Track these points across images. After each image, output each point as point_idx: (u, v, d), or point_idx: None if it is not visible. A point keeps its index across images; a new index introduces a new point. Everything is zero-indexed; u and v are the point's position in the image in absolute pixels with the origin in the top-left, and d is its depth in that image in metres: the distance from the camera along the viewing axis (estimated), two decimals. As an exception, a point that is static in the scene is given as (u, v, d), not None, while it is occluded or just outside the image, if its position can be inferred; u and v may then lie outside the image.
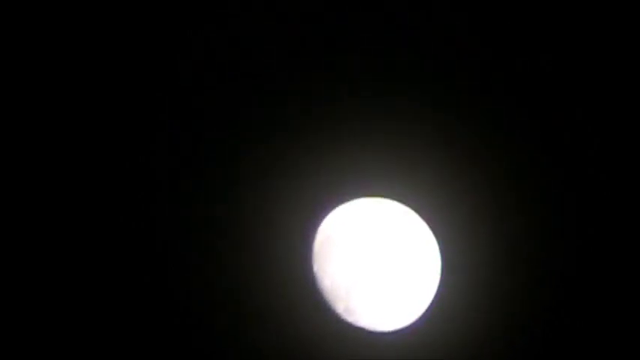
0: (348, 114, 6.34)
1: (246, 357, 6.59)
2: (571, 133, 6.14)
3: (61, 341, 6.10)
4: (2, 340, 6.05)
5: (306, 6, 5.99)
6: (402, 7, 6.04)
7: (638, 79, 6.03)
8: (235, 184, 6.45)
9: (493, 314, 6.57)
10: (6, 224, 6.03)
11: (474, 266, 6.56)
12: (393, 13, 6.03)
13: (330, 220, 6.70)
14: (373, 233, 6.60)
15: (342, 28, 6.06)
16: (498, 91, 6.17)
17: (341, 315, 6.65)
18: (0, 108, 6.03)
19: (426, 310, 6.65)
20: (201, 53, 6.06)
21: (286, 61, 6.12)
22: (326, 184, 6.48)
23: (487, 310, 6.61)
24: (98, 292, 6.21)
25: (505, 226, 6.46)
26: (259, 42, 6.05)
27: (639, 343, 6.25)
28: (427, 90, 6.21)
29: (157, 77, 6.02)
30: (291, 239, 6.59)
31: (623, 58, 6.03)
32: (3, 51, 5.97)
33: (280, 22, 6.04)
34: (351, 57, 6.16)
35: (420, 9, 6.01)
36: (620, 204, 6.16)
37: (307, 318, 6.64)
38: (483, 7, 6.03)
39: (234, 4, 6.01)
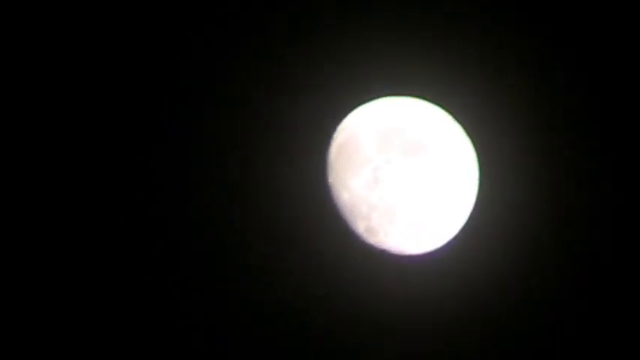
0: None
1: (256, 277, 6.39)
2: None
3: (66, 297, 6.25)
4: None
5: None
6: None
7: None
8: (251, 84, 6.34)
9: (538, 236, 6.44)
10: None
11: (515, 177, 6.38)
12: None
13: (349, 123, 6.28)
14: (397, 138, 6.07)
15: None
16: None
17: (361, 235, 6.24)
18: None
19: (461, 230, 6.29)
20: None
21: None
22: (345, 81, 6.35)
23: (531, 233, 6.45)
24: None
25: (548, 135, 6.36)
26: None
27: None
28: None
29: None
30: (303, 144, 6.40)
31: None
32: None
33: None
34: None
35: None
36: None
37: (323, 238, 6.36)
38: None
39: None
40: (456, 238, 6.33)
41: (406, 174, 6.05)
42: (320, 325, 6.40)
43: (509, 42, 6.28)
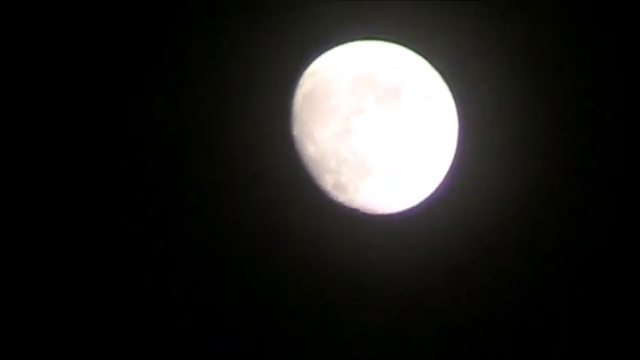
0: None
1: (223, 233, 6.26)
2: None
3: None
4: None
5: None
6: None
7: None
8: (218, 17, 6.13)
9: (520, 194, 6.28)
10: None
11: (496, 130, 6.19)
12: None
13: (316, 67, 6.06)
14: (371, 85, 5.84)
15: None
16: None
17: (329, 192, 6.04)
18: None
19: (439, 187, 6.11)
20: None
21: None
22: (313, 21, 6.13)
23: (512, 190, 6.28)
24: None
25: (533, 86, 6.17)
26: None
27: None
28: None
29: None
30: (264, 92, 6.20)
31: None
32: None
33: None
34: None
35: None
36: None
37: (287, 195, 6.23)
38: None
39: None
40: (434, 196, 6.12)
41: (380, 124, 5.81)
42: (285, 290, 6.34)
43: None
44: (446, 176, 6.08)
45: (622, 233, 6.22)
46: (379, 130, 5.83)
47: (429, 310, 6.29)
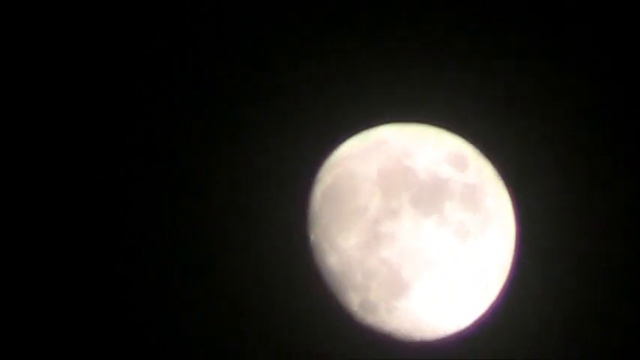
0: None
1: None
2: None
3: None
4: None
5: None
6: None
7: None
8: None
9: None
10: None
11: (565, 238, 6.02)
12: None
13: (338, 158, 5.80)
14: (406, 181, 5.50)
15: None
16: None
17: (355, 313, 5.74)
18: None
19: (490, 310, 5.79)
20: None
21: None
22: (335, 103, 5.99)
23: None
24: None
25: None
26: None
27: None
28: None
29: None
30: (278, 187, 5.95)
31: None
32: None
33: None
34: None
35: None
36: None
37: (305, 315, 6.01)
38: None
39: None
40: (484, 320, 5.88)
41: (417, 230, 5.46)
42: None
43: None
44: (499, 296, 5.87)
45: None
46: (416, 238, 5.49)
47: None
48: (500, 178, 5.76)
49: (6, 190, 6.47)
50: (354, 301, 5.75)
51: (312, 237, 5.80)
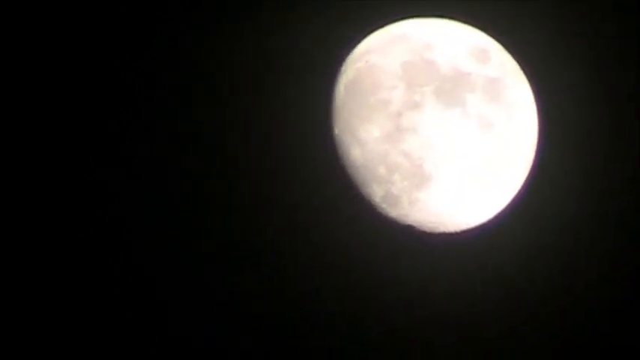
0: None
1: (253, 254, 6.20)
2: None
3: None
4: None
5: None
6: None
7: None
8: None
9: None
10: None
11: (587, 132, 6.05)
12: None
13: (361, 51, 5.73)
14: (430, 74, 5.43)
15: None
16: None
17: (378, 205, 5.73)
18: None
19: (512, 203, 5.81)
20: None
21: None
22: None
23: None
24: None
25: None
26: None
27: None
28: None
29: None
30: (301, 81, 5.92)
31: None
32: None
33: None
34: None
35: None
36: None
37: (329, 207, 6.04)
38: None
39: None
40: (507, 211, 5.91)
41: (440, 122, 5.41)
42: (325, 316, 6.25)
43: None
44: (522, 188, 5.88)
45: None
46: (440, 130, 5.45)
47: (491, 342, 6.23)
48: (522, 71, 5.68)
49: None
50: (377, 193, 5.74)
51: (336, 130, 5.76)
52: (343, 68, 5.79)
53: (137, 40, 6.26)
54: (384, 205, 5.77)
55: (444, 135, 5.44)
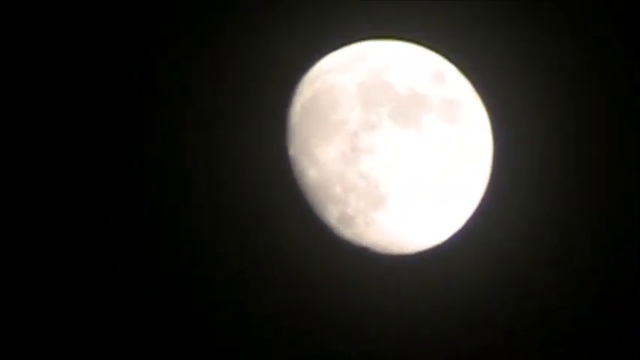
0: None
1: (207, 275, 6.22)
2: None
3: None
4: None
5: None
6: None
7: None
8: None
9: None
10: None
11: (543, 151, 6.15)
12: None
13: (317, 72, 5.79)
14: (385, 94, 5.51)
15: None
16: None
17: (334, 226, 5.80)
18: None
19: (467, 223, 5.88)
20: None
21: None
22: (315, 17, 5.98)
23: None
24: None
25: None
26: None
27: None
28: None
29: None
30: (258, 101, 5.98)
31: None
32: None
33: None
34: None
35: None
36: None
37: (285, 227, 6.08)
38: None
39: None
40: (461, 233, 5.91)
41: (396, 142, 5.48)
42: (282, 337, 6.22)
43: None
44: (477, 208, 5.89)
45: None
46: (395, 150, 5.50)
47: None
48: (477, 93, 5.73)
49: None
50: (332, 214, 5.73)
51: (291, 151, 5.77)
52: (300, 88, 5.78)
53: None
54: (339, 226, 5.76)
55: (400, 155, 5.44)
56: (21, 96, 6.41)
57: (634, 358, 6.35)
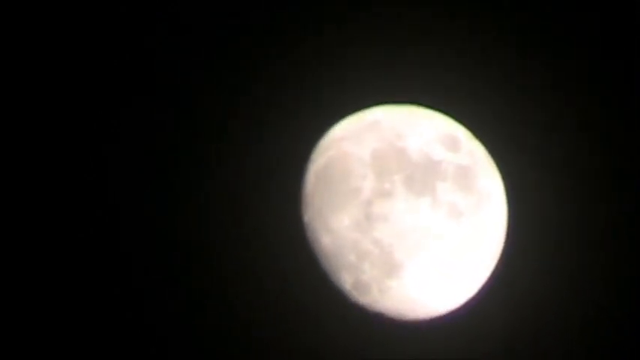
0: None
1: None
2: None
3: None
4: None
5: None
6: None
7: None
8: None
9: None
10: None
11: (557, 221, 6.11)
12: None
13: (331, 139, 5.82)
14: (399, 162, 5.52)
15: None
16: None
17: (348, 293, 5.77)
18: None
19: (481, 290, 5.85)
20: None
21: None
22: (328, 83, 6.06)
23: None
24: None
25: None
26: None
27: None
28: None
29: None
30: (271, 168, 5.99)
31: None
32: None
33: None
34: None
35: None
36: None
37: (299, 295, 6.06)
38: None
39: None
40: (475, 300, 5.87)
41: (410, 211, 5.47)
42: None
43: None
44: (491, 276, 5.87)
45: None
46: (409, 219, 5.48)
47: None
48: (492, 159, 5.73)
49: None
50: (347, 281, 5.72)
51: (306, 218, 5.76)
52: (313, 156, 5.79)
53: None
54: (354, 293, 5.73)
55: (414, 224, 5.43)
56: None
57: None
